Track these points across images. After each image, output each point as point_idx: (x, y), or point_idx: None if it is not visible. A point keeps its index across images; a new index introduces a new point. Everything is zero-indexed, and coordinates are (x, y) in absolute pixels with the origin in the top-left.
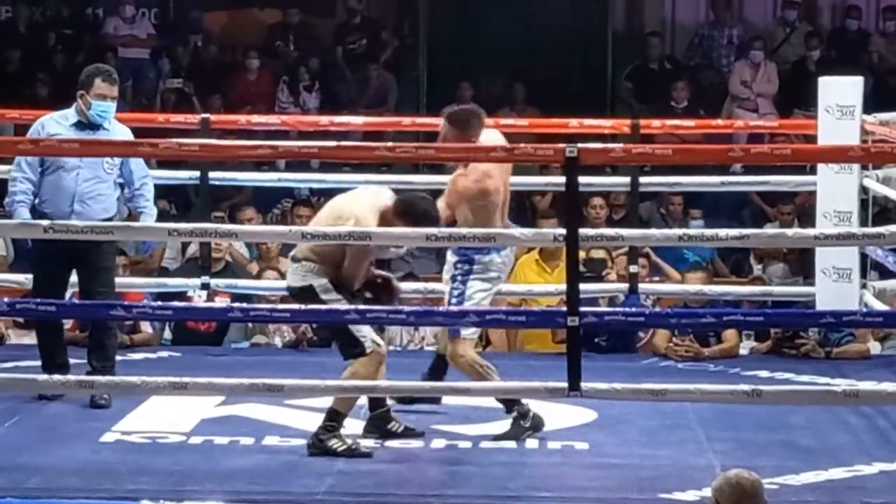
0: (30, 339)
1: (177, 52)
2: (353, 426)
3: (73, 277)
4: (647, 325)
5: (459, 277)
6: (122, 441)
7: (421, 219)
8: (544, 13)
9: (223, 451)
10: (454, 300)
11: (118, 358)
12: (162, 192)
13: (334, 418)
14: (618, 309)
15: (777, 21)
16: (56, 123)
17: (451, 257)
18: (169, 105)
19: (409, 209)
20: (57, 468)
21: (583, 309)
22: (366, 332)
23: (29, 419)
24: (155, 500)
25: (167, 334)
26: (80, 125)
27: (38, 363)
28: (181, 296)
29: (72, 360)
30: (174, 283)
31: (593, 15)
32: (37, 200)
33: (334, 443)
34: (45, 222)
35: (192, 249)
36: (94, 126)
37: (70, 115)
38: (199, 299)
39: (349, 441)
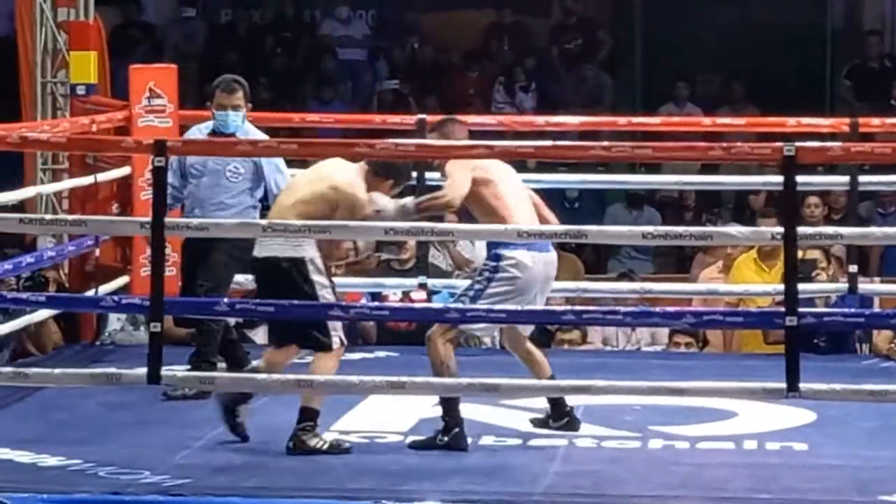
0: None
1: (393, 54)
2: None
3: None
4: (867, 326)
5: (486, 274)
6: (340, 440)
7: (395, 171)
8: (762, 11)
9: (440, 450)
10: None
11: None
12: None
13: (311, 417)
14: (836, 310)
15: None
16: (198, 133)
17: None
18: (386, 106)
19: (382, 164)
20: (276, 468)
21: (801, 310)
22: (337, 327)
23: (248, 418)
24: (374, 500)
25: None
26: (214, 134)
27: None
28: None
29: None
30: (391, 283)
31: (812, 13)
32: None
33: (315, 442)
34: (263, 222)
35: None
36: (224, 136)
37: (209, 125)
38: (394, 298)
39: (330, 438)
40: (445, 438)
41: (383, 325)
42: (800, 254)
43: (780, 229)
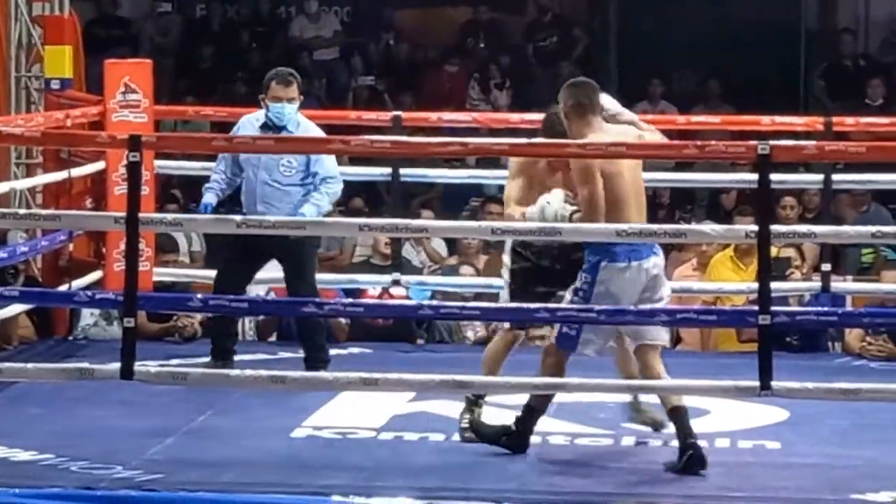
0: None
1: (368, 50)
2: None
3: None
4: (839, 325)
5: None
6: (313, 436)
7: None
8: (737, 9)
9: (413, 447)
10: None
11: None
12: (354, 189)
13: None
14: (810, 308)
15: None
16: (249, 125)
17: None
18: (361, 102)
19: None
20: (250, 462)
21: (774, 308)
22: None
23: (223, 414)
24: (345, 496)
25: None
26: (265, 127)
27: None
28: (356, 292)
29: (263, 356)
30: (364, 279)
31: (786, 12)
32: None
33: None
34: (238, 217)
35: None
36: (278, 128)
37: (261, 116)
38: (372, 294)
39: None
40: (508, 441)
41: (357, 322)
42: (774, 252)
43: (755, 227)
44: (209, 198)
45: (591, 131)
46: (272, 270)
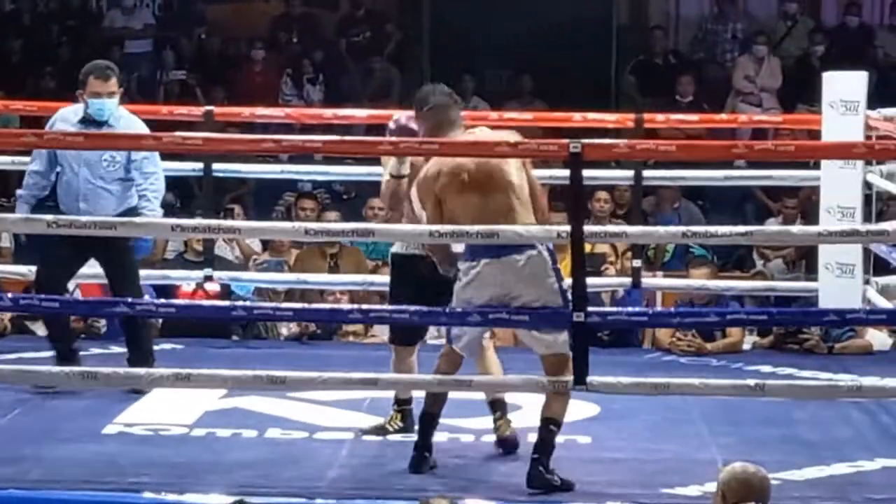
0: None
1: (180, 44)
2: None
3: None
4: (650, 325)
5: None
6: (124, 433)
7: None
8: (548, 6)
9: (226, 443)
10: None
11: (120, 350)
12: (165, 184)
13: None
14: (622, 308)
15: (779, 14)
16: (65, 120)
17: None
18: (172, 97)
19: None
20: (59, 460)
21: (590, 309)
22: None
23: (31, 411)
24: (157, 493)
25: None
26: (84, 122)
27: (40, 354)
28: (172, 289)
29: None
30: (177, 275)
31: (598, 8)
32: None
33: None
34: (49, 217)
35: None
36: (98, 123)
37: (79, 111)
38: (186, 290)
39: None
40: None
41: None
42: (588, 247)
43: (567, 228)
44: (23, 209)
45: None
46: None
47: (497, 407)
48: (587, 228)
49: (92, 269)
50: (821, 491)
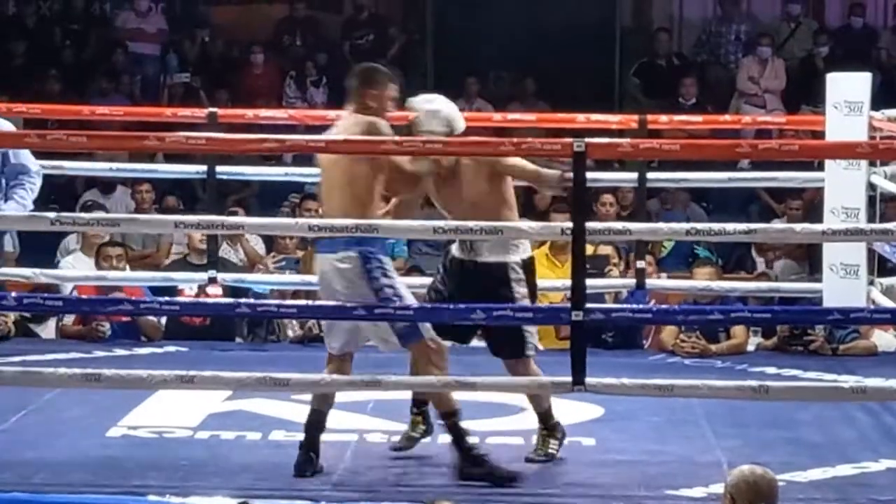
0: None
1: (184, 47)
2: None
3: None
4: (653, 322)
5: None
6: (128, 436)
7: None
8: (552, 8)
9: (230, 446)
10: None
11: (124, 353)
12: (169, 186)
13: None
14: (624, 305)
15: (783, 16)
16: None
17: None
18: (176, 99)
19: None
20: (64, 463)
21: (588, 305)
22: (533, 331)
23: (36, 414)
24: (161, 495)
25: None
26: None
27: (44, 357)
28: (172, 290)
29: (77, 355)
30: (180, 277)
31: (601, 10)
32: None
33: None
34: (51, 214)
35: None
36: None
37: None
38: (189, 293)
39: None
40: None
41: (173, 320)
42: (592, 249)
43: (570, 224)
44: None
45: None
46: (84, 269)
47: (420, 406)
48: (590, 225)
49: (90, 270)
50: (825, 492)
